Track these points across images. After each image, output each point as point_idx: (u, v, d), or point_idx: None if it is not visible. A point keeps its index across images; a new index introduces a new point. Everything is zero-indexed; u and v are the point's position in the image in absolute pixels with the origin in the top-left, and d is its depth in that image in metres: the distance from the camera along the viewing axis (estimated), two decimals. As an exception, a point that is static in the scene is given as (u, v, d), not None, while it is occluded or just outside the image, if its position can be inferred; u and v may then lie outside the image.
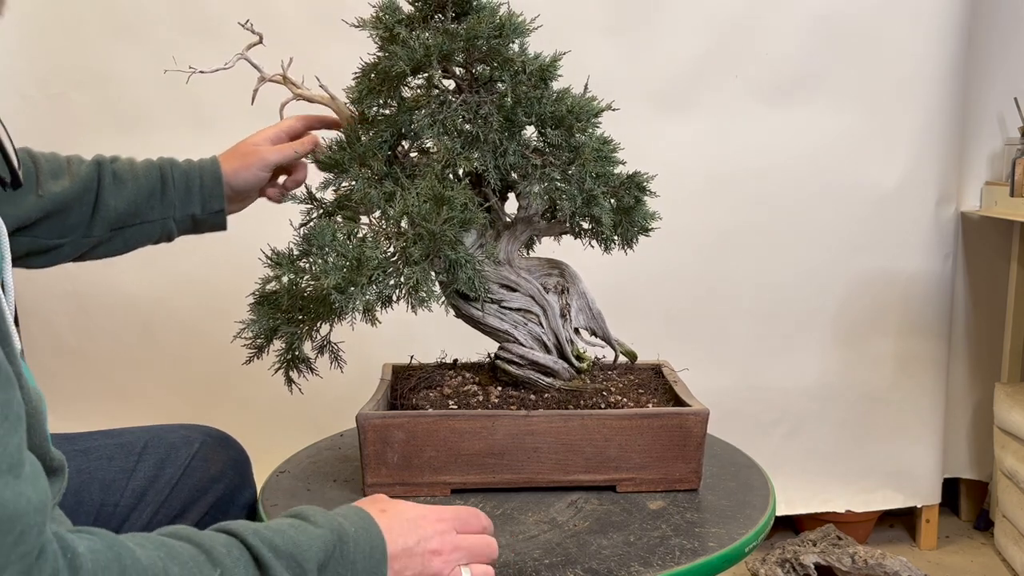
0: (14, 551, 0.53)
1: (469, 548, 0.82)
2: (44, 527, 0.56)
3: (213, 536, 0.69)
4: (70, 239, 1.14)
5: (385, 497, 0.86)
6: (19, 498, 0.54)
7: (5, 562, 0.53)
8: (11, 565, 0.53)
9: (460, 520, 0.84)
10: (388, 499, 0.85)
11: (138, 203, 1.15)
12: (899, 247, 2.14)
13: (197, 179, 1.17)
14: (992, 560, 2.24)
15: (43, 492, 0.57)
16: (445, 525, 0.82)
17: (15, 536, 0.53)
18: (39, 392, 0.69)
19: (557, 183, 1.04)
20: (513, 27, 1.03)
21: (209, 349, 2.00)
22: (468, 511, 0.86)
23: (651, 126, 2.05)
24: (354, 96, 1.08)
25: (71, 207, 1.12)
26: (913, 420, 2.23)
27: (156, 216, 1.17)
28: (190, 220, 1.19)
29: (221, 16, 1.92)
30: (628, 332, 1.27)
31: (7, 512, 0.53)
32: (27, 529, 0.54)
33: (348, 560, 0.72)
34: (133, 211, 1.15)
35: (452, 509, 0.85)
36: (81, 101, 2.02)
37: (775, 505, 1.08)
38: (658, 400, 1.16)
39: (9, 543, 0.53)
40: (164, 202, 1.17)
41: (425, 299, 0.98)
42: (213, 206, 1.18)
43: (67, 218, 1.12)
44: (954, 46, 2.06)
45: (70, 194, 1.11)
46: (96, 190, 1.13)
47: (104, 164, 1.16)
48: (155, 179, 1.16)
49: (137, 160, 1.20)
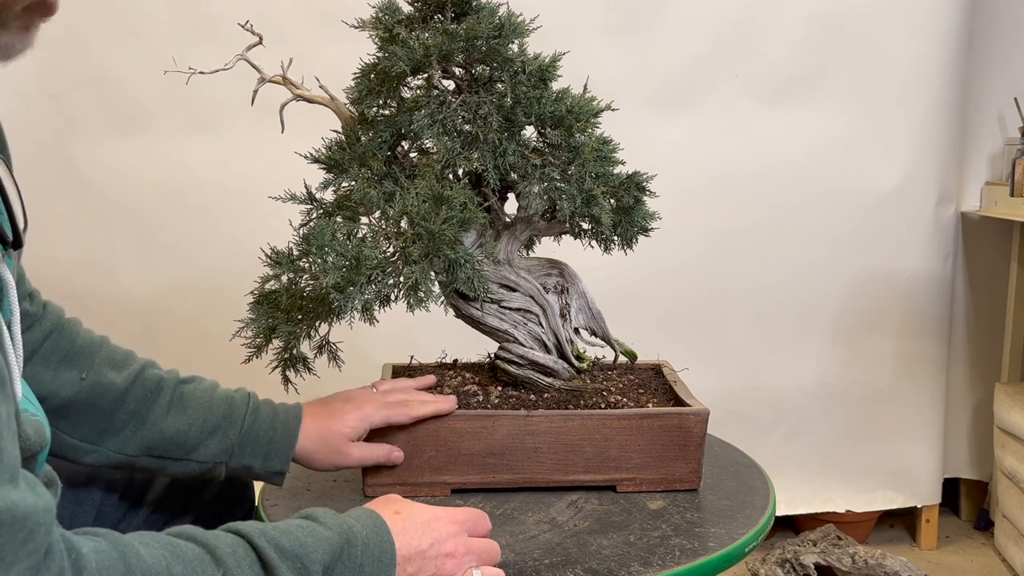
0: (23, 549, 0.54)
1: (480, 551, 0.83)
2: (51, 527, 0.57)
3: (219, 536, 0.69)
4: (95, 448, 0.98)
5: (399, 498, 0.86)
6: (27, 498, 0.55)
7: (14, 559, 0.53)
8: (19, 562, 0.54)
9: (471, 522, 0.85)
10: (402, 500, 0.85)
11: (190, 436, 0.99)
12: (899, 247, 2.14)
13: (268, 430, 1.01)
14: (992, 560, 2.24)
15: (48, 495, 0.58)
16: (457, 527, 0.82)
17: (25, 534, 0.54)
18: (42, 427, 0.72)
19: (557, 183, 1.04)
20: (512, 27, 1.03)
21: (209, 349, 1.99)
22: (477, 514, 0.87)
23: (651, 126, 2.05)
24: (354, 96, 1.08)
25: (112, 407, 0.98)
26: (913, 420, 2.23)
27: (207, 458, 1.00)
28: (245, 470, 1.02)
29: (221, 16, 1.92)
30: (628, 332, 1.27)
31: (18, 511, 0.54)
32: (36, 528, 0.55)
33: (355, 563, 0.73)
34: (181, 443, 0.99)
35: (463, 511, 0.86)
36: (81, 101, 2.02)
37: (775, 505, 1.08)
38: (658, 400, 1.16)
39: (19, 541, 0.54)
40: (222, 445, 1.00)
41: (424, 299, 0.98)
42: (274, 466, 1.02)
43: (100, 418, 0.97)
44: (954, 46, 2.06)
45: (116, 389, 0.98)
46: (150, 400, 0.99)
47: (169, 380, 1.02)
48: (219, 417, 1.00)
49: (218, 388, 1.05)
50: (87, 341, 1.02)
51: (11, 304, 0.73)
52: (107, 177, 2.05)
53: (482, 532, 0.86)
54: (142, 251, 2.09)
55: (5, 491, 0.54)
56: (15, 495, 0.54)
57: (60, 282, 2.04)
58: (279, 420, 1.02)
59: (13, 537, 0.53)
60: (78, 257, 2.07)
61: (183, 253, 2.08)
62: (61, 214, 2.04)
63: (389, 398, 1.07)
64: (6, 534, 0.53)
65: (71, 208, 2.05)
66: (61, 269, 2.04)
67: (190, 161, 2.04)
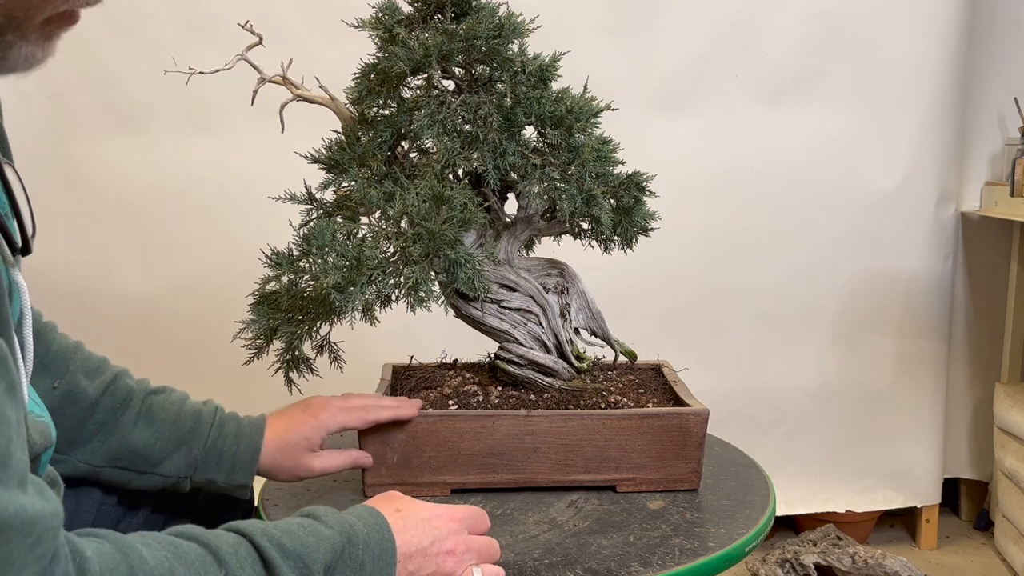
0: (31, 554, 0.54)
1: (480, 549, 0.83)
2: (58, 532, 0.58)
3: (221, 535, 0.69)
4: (63, 458, 0.97)
5: (399, 495, 0.86)
6: (36, 503, 0.56)
7: (22, 564, 0.54)
8: (27, 568, 0.54)
9: (471, 520, 0.85)
10: (403, 497, 0.85)
11: (155, 449, 1.00)
12: (899, 247, 2.14)
13: (232, 443, 1.02)
14: (992, 560, 2.24)
15: (56, 500, 0.59)
16: (458, 525, 0.83)
17: (33, 540, 0.54)
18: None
19: (557, 183, 1.04)
20: (512, 27, 1.03)
21: (209, 349, 1.99)
22: (477, 512, 0.87)
23: (651, 126, 2.05)
24: (353, 96, 1.08)
25: (82, 417, 0.98)
26: (913, 420, 2.23)
27: (172, 472, 1.00)
28: (209, 484, 1.03)
29: (221, 16, 1.92)
30: (628, 332, 1.27)
31: (27, 516, 0.54)
32: (44, 533, 0.55)
33: (356, 561, 0.73)
34: (146, 456, 1.00)
35: (463, 509, 0.86)
36: (81, 101, 2.02)
37: (775, 505, 1.08)
38: (658, 400, 1.16)
39: (28, 546, 0.54)
40: (187, 460, 1.01)
41: (424, 299, 0.98)
42: (237, 479, 1.02)
43: (70, 428, 0.97)
44: (954, 46, 2.06)
45: (87, 398, 0.98)
46: (119, 411, 1.00)
47: (139, 392, 1.02)
48: (184, 432, 1.01)
49: (187, 401, 1.05)
50: (62, 347, 1.02)
51: (24, 308, 0.73)
52: (107, 177, 2.05)
53: (482, 530, 0.87)
54: (142, 251, 2.09)
55: (14, 496, 0.54)
56: (24, 500, 0.55)
57: (60, 282, 2.04)
58: (242, 435, 1.02)
59: (22, 543, 0.54)
60: (78, 257, 2.07)
61: (183, 253, 2.08)
62: (61, 214, 2.04)
63: (349, 403, 1.07)
64: (15, 539, 0.53)
65: (71, 208, 2.05)
66: (61, 269, 2.04)
67: (190, 161, 2.04)
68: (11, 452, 0.55)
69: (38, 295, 2.21)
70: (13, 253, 0.72)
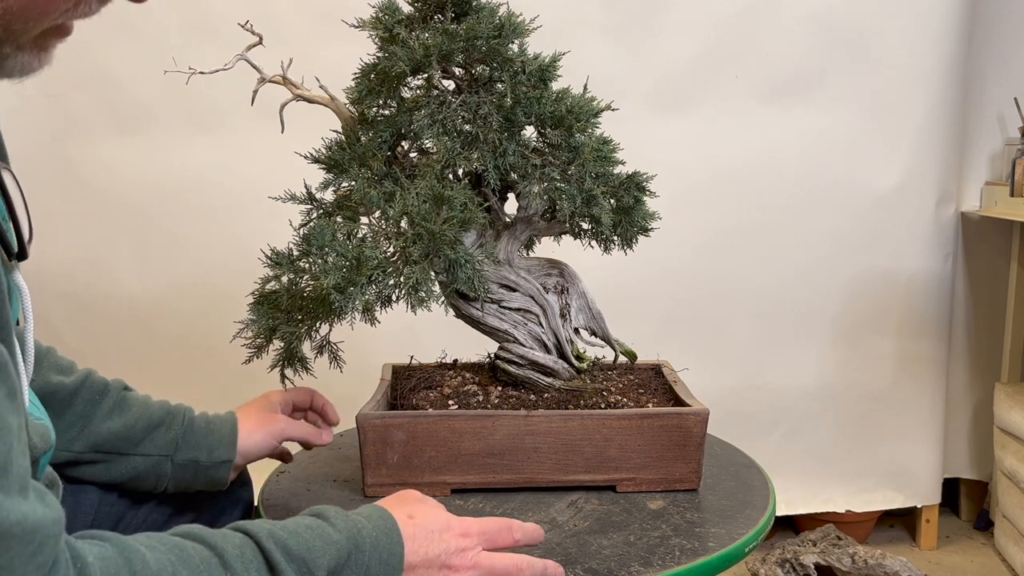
0: (32, 562, 0.54)
1: (489, 567, 0.81)
2: (60, 538, 0.58)
3: (228, 536, 0.69)
4: None
5: (417, 497, 0.85)
6: (37, 510, 0.56)
7: (24, 571, 0.54)
8: (28, 575, 0.54)
9: (487, 536, 0.83)
10: (419, 501, 0.84)
11: (136, 430, 1.03)
12: (899, 247, 2.14)
13: (207, 424, 1.07)
14: (992, 560, 2.24)
15: (57, 505, 0.59)
16: (469, 541, 0.81)
17: (34, 547, 0.54)
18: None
19: (557, 183, 1.04)
20: (512, 27, 1.03)
21: (209, 349, 2.00)
22: (498, 525, 0.84)
23: (651, 126, 2.05)
24: (354, 96, 1.08)
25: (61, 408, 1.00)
26: (913, 420, 2.23)
27: (153, 451, 1.03)
28: (192, 466, 1.05)
29: (221, 16, 1.92)
30: (628, 332, 1.27)
31: (28, 524, 0.54)
32: (45, 540, 0.55)
33: (361, 566, 0.73)
34: (127, 437, 1.03)
35: (480, 523, 0.83)
36: (81, 101, 2.02)
37: (775, 505, 1.08)
38: (658, 400, 1.16)
39: (29, 553, 0.54)
40: (167, 438, 1.04)
41: (425, 299, 0.98)
42: (220, 455, 1.05)
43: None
44: (954, 46, 2.06)
45: (66, 389, 1.01)
46: (96, 401, 1.03)
47: (115, 385, 1.06)
48: (162, 414, 1.06)
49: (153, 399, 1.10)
50: (36, 349, 1.02)
51: (26, 312, 0.73)
52: (107, 177, 2.05)
53: (505, 543, 0.84)
54: (142, 251, 2.09)
55: (15, 503, 0.54)
56: (25, 508, 0.55)
57: (60, 282, 2.04)
58: (217, 417, 1.08)
59: (23, 550, 0.54)
60: (78, 257, 2.07)
61: (183, 253, 2.08)
62: (61, 214, 2.04)
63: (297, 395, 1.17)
64: (16, 547, 0.53)
65: (71, 208, 2.05)
66: (61, 269, 2.04)
67: (190, 161, 2.04)
68: (12, 459, 0.55)
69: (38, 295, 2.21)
70: (10, 258, 0.72)
